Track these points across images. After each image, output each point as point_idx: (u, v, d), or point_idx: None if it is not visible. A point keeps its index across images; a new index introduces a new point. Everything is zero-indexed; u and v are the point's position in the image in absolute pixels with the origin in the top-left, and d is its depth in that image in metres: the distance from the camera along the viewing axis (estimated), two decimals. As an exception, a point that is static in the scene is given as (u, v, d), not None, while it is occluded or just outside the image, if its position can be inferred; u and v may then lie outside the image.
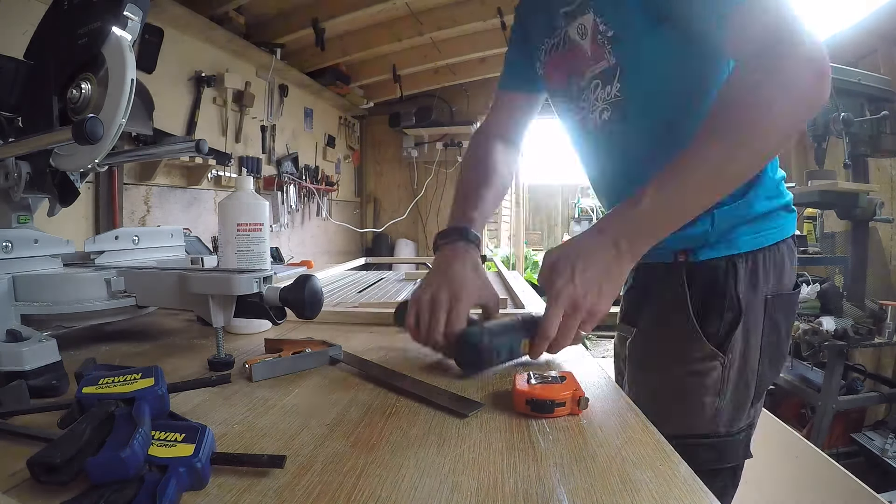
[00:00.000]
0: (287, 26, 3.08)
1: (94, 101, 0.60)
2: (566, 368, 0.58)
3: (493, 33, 3.29)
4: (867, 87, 2.15)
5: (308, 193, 3.66)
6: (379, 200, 4.95)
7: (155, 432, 0.34)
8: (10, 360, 0.50)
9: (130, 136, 2.05)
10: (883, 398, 2.17)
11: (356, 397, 0.50)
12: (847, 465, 1.53)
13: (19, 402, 0.45)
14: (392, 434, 0.41)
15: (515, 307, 0.95)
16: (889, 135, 2.13)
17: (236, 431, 0.42)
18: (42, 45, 0.66)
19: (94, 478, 0.29)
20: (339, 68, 3.66)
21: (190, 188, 2.62)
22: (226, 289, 0.58)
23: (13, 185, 0.69)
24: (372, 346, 0.69)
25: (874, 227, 2.41)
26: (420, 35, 3.30)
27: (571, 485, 0.33)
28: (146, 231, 0.84)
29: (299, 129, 3.66)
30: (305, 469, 0.35)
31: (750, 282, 0.71)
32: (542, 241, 8.43)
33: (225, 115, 2.84)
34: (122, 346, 0.70)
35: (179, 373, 0.57)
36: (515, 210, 4.92)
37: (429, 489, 0.33)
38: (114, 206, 2.16)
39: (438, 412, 0.46)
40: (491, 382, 0.55)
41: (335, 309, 0.88)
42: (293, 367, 0.58)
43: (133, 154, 0.81)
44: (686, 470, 0.35)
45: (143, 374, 0.41)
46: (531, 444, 0.39)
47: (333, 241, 4.27)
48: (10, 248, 0.62)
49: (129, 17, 0.59)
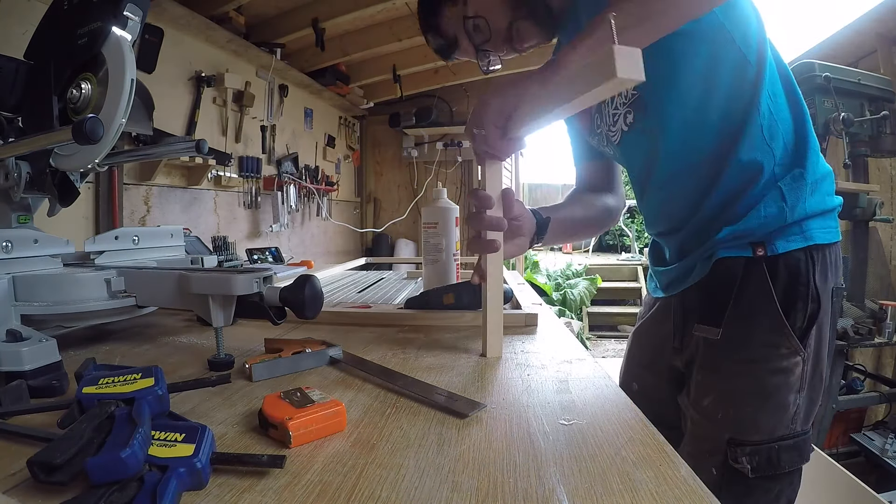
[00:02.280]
0: (287, 26, 3.08)
1: (94, 101, 0.60)
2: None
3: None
4: (867, 87, 2.15)
5: (308, 193, 3.66)
6: (379, 200, 4.95)
7: (155, 432, 0.34)
8: (10, 360, 0.50)
9: (130, 136, 2.05)
10: (883, 398, 2.17)
11: (356, 397, 0.50)
12: (847, 465, 1.53)
13: (19, 402, 0.45)
14: (392, 434, 0.41)
15: (514, 307, 0.95)
16: (889, 135, 2.13)
17: (236, 431, 0.42)
18: (42, 45, 0.66)
19: (94, 478, 0.29)
20: (339, 68, 3.66)
21: (190, 188, 2.62)
22: (226, 289, 0.58)
23: (13, 185, 0.69)
24: (372, 346, 0.69)
25: (874, 227, 2.42)
26: (420, 35, 3.30)
27: (571, 485, 0.33)
28: (146, 231, 0.84)
29: (299, 129, 3.66)
30: (305, 469, 0.35)
31: (823, 274, 0.71)
32: (542, 241, 8.37)
33: (225, 115, 2.84)
34: (122, 346, 0.70)
35: (179, 373, 0.57)
36: (515, 210, 4.90)
37: (429, 489, 0.33)
38: (114, 206, 2.16)
39: (438, 412, 0.46)
40: (491, 382, 0.55)
41: (335, 309, 0.88)
42: (293, 367, 0.58)
43: (133, 154, 0.80)
44: (686, 470, 0.35)
45: (143, 374, 0.41)
46: (531, 444, 0.39)
47: (333, 241, 4.27)
48: (10, 248, 0.62)
49: (129, 17, 0.59)
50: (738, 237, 0.73)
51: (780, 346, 0.70)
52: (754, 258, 0.72)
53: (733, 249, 0.73)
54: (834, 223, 0.75)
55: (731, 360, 0.73)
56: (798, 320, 0.71)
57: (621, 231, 7.85)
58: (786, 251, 0.71)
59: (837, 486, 1.47)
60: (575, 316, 5.08)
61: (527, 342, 0.72)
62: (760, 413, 0.71)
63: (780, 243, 0.71)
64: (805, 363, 0.70)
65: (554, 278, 5.60)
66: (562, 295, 5.26)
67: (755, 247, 0.72)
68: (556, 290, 5.35)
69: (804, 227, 0.71)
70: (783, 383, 0.70)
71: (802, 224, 0.71)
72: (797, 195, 0.71)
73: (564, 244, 1.09)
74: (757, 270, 0.72)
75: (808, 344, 0.70)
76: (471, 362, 0.62)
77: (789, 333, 0.70)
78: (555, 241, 0.90)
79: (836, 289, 0.74)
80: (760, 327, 0.72)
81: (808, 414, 0.73)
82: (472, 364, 0.61)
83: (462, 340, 0.73)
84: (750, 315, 0.73)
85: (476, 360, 0.63)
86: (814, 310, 0.71)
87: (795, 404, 0.71)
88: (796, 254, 0.71)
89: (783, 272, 0.71)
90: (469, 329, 0.79)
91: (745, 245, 0.73)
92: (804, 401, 0.72)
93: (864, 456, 2.10)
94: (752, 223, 0.72)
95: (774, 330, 0.70)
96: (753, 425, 0.71)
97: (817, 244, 0.71)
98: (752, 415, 0.71)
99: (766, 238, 0.72)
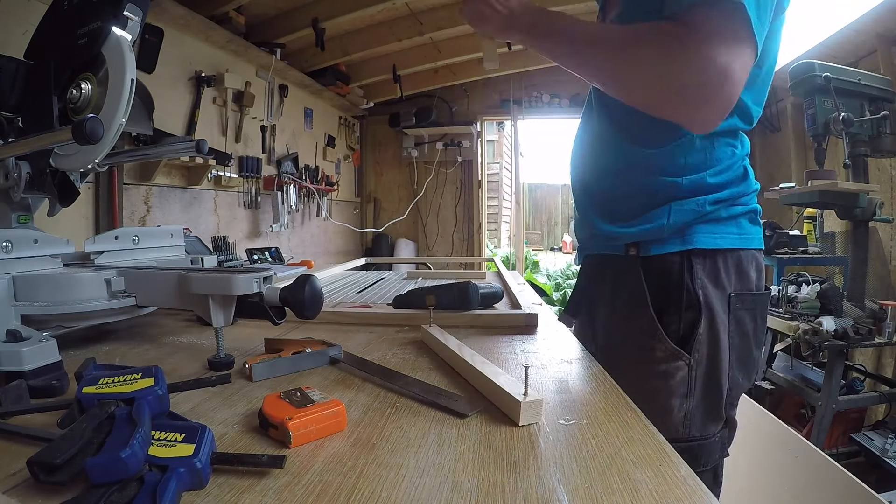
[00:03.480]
0: (287, 26, 3.08)
1: (94, 101, 0.60)
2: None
3: (493, 33, 3.28)
4: (867, 87, 2.15)
5: (308, 193, 3.66)
6: (379, 200, 4.95)
7: (155, 432, 0.34)
8: (10, 360, 0.50)
9: (130, 136, 2.05)
10: (883, 398, 2.17)
11: (356, 397, 0.50)
12: (847, 465, 1.53)
13: (19, 402, 0.45)
14: (392, 434, 0.41)
15: (513, 307, 0.95)
16: (889, 135, 2.13)
17: (236, 431, 0.42)
18: (42, 45, 0.66)
19: (94, 478, 0.29)
20: (339, 68, 3.66)
21: (190, 188, 2.62)
22: (225, 289, 0.58)
23: (13, 185, 0.69)
24: (372, 346, 0.69)
25: (874, 227, 2.42)
26: (420, 35, 3.30)
27: (571, 485, 0.33)
28: (146, 231, 0.84)
29: (299, 129, 3.66)
30: (305, 469, 0.35)
31: (710, 280, 0.69)
32: (542, 241, 8.43)
33: (225, 115, 2.84)
34: (122, 346, 0.70)
35: (179, 373, 0.57)
36: (515, 210, 4.92)
37: (429, 489, 0.33)
38: (114, 206, 2.16)
39: (438, 412, 0.46)
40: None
41: (335, 309, 0.88)
42: (293, 367, 0.58)
43: (133, 154, 0.81)
44: (686, 470, 0.35)
45: (143, 374, 0.41)
46: (531, 444, 0.39)
47: (333, 241, 4.27)
48: (10, 248, 0.62)
49: (129, 17, 0.59)
50: (613, 239, 0.75)
51: (654, 350, 0.70)
52: (628, 257, 0.74)
53: (605, 249, 0.76)
54: (739, 230, 0.72)
55: (619, 356, 0.73)
56: (673, 324, 0.69)
57: (621, 231, 7.82)
58: (660, 253, 0.71)
59: (837, 486, 1.47)
60: (575, 316, 5.08)
61: (527, 342, 0.71)
62: (645, 411, 0.69)
63: (654, 246, 0.71)
64: (692, 369, 0.69)
65: (554, 278, 5.60)
66: (562, 295, 5.26)
67: (629, 247, 0.74)
68: (556, 290, 5.35)
69: (685, 232, 0.70)
70: (662, 387, 0.69)
71: (685, 230, 0.70)
72: (684, 216, 0.70)
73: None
74: (632, 269, 0.73)
75: (693, 350, 0.68)
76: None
77: (662, 337, 0.69)
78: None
79: (742, 294, 0.71)
80: (637, 325, 0.72)
81: (706, 421, 0.70)
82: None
83: (462, 340, 0.73)
84: (627, 310, 0.74)
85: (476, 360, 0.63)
86: (693, 315, 0.69)
87: (683, 409, 0.69)
88: (670, 257, 0.70)
89: (655, 274, 0.71)
90: (469, 329, 0.79)
91: (620, 246, 0.75)
92: (697, 407, 0.69)
93: (864, 456, 2.10)
94: (630, 231, 0.73)
95: (649, 332, 0.70)
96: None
97: (699, 248, 0.69)
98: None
99: (642, 241, 0.73)
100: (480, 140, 4.65)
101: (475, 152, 4.60)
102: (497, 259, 2.04)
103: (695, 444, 0.70)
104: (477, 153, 4.62)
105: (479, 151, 4.64)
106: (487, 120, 4.73)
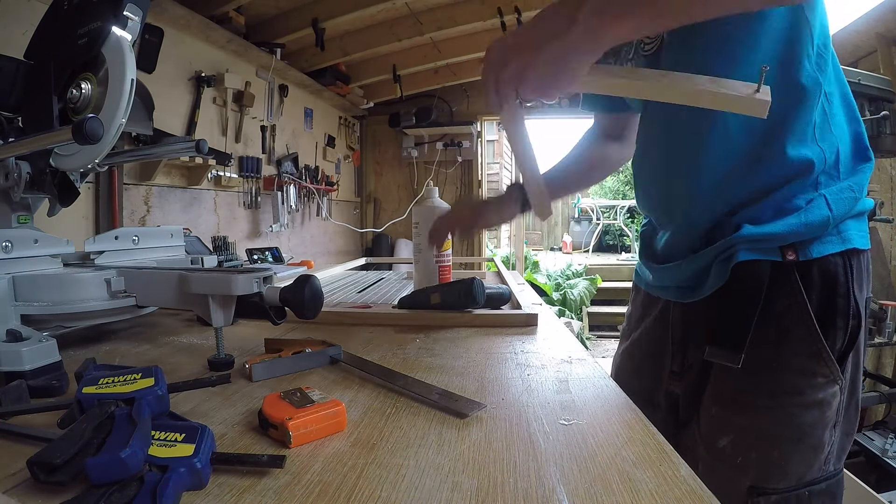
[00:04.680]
0: (287, 26, 3.08)
1: (94, 101, 0.60)
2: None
3: (493, 33, 3.29)
4: (867, 87, 2.15)
5: (308, 193, 3.65)
6: (379, 200, 4.95)
7: (155, 432, 0.34)
8: (10, 360, 0.50)
9: (130, 136, 2.05)
10: (883, 398, 2.17)
11: (356, 397, 0.50)
12: (847, 465, 1.53)
13: (19, 402, 0.45)
14: (392, 434, 0.41)
15: (513, 307, 0.95)
16: (889, 135, 2.13)
17: (236, 431, 0.42)
18: (42, 45, 0.66)
19: (94, 478, 0.29)
20: (339, 68, 3.66)
21: (190, 188, 2.62)
22: (225, 289, 0.58)
23: (13, 185, 0.69)
24: (372, 346, 0.69)
25: (874, 227, 2.42)
26: (420, 35, 3.30)
27: (571, 485, 0.33)
28: (146, 231, 0.84)
29: (299, 129, 3.66)
30: (305, 469, 0.35)
31: (859, 283, 0.60)
32: (542, 241, 8.42)
33: (225, 115, 2.84)
34: (122, 346, 0.70)
35: (179, 373, 0.57)
36: (515, 210, 4.91)
37: (429, 489, 0.33)
38: (114, 206, 2.16)
39: (438, 412, 0.46)
40: (491, 382, 0.55)
41: (335, 309, 0.88)
42: (293, 367, 0.58)
43: (133, 154, 0.80)
44: (686, 470, 0.35)
45: (143, 374, 0.41)
46: (531, 444, 0.39)
47: (333, 241, 4.27)
48: (10, 248, 0.62)
49: (129, 17, 0.59)
50: (763, 240, 0.60)
51: (815, 374, 0.58)
52: (784, 263, 0.59)
53: (756, 254, 0.60)
54: (867, 227, 0.65)
55: (755, 392, 0.61)
56: (838, 340, 0.59)
57: (621, 231, 7.85)
58: (821, 255, 0.59)
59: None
60: (575, 316, 5.09)
61: (527, 342, 0.72)
62: (791, 456, 0.60)
63: (815, 246, 0.59)
64: (842, 392, 0.59)
65: (554, 278, 5.60)
66: (562, 295, 5.26)
67: (785, 250, 0.59)
68: (556, 290, 5.35)
69: (841, 227, 0.60)
70: (818, 420, 0.59)
71: (839, 224, 0.60)
72: (844, 208, 0.60)
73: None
74: (787, 280, 0.59)
75: (846, 369, 0.59)
76: (471, 362, 0.62)
77: (828, 357, 0.58)
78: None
79: (867, 300, 0.63)
80: (792, 351, 0.59)
81: (841, 450, 0.62)
82: (472, 364, 0.61)
83: (462, 340, 0.73)
84: (779, 336, 0.60)
85: (476, 360, 0.63)
86: (854, 326, 0.59)
87: (831, 442, 0.60)
88: (833, 258, 0.59)
89: (818, 281, 0.59)
90: (469, 329, 0.79)
91: (774, 249, 0.60)
92: (839, 436, 0.61)
93: (864, 456, 2.10)
94: (785, 228, 0.59)
95: (810, 354, 0.58)
96: (781, 471, 0.60)
97: (856, 248, 0.60)
98: (779, 459, 0.60)
99: (801, 241, 0.59)
100: (480, 140, 4.65)
101: (475, 152, 4.60)
102: (497, 259, 2.04)
103: (833, 480, 0.61)
104: (477, 153, 4.61)
105: (479, 151, 4.64)
106: (487, 120, 4.72)
